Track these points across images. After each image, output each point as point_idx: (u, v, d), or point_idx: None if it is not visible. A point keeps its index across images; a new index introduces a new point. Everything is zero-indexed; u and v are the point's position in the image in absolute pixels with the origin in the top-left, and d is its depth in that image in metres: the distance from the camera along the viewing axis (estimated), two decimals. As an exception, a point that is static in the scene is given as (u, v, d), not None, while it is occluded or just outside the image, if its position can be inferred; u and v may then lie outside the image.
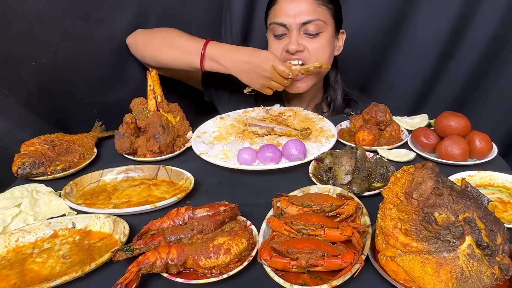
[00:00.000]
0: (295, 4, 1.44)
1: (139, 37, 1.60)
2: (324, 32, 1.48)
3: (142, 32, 1.61)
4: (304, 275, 0.77)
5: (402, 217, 0.76)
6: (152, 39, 1.57)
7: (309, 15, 1.43)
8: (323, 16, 1.46)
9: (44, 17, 1.43)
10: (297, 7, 1.43)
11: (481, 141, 1.19)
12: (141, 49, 1.59)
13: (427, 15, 1.84)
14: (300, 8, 1.43)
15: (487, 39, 1.81)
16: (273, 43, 1.53)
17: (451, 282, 0.71)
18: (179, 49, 1.48)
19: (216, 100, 1.76)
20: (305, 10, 1.43)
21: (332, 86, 1.70)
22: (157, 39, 1.55)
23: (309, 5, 1.44)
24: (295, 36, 1.46)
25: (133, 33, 1.62)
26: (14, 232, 0.92)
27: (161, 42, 1.54)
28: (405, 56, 1.95)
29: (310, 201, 0.93)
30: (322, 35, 1.48)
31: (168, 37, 1.53)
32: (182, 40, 1.50)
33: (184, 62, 1.48)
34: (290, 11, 1.44)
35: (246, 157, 1.17)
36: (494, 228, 0.71)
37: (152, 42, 1.56)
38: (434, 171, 0.76)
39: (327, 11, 1.48)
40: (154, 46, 1.54)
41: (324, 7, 1.47)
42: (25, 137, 1.28)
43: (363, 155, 1.15)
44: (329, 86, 1.71)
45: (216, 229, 0.88)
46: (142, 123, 1.31)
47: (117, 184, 1.16)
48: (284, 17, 1.45)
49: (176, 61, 1.49)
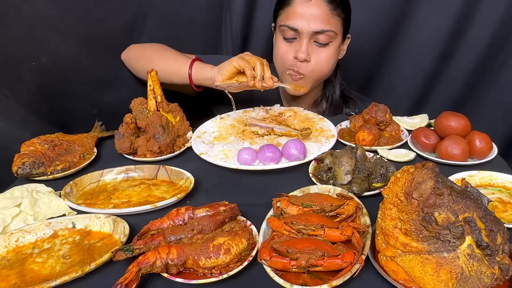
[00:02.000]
0: (310, 11, 1.40)
1: (132, 51, 1.63)
2: (333, 42, 1.47)
3: (135, 46, 1.64)
4: (304, 275, 0.77)
5: (402, 217, 0.76)
6: (144, 52, 1.60)
7: (323, 25, 1.41)
8: (335, 27, 1.44)
9: (44, 16, 1.43)
10: (312, 14, 1.40)
11: (481, 141, 1.19)
12: (134, 61, 1.62)
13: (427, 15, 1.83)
14: (315, 16, 1.40)
15: (487, 39, 1.81)
16: (283, 45, 1.50)
17: (451, 282, 0.71)
18: (170, 60, 1.51)
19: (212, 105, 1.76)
20: (319, 19, 1.40)
21: (331, 81, 1.70)
22: (149, 51, 1.58)
23: (324, 14, 1.41)
24: (306, 45, 1.43)
25: (127, 48, 1.64)
26: (14, 232, 0.92)
27: (152, 54, 1.56)
28: (405, 56, 1.95)
29: (310, 201, 0.93)
30: (331, 44, 1.47)
31: (160, 50, 1.57)
32: (172, 53, 1.55)
33: (175, 73, 1.49)
34: (304, 17, 1.41)
35: (246, 157, 1.17)
36: (494, 228, 0.71)
37: (144, 54, 1.59)
38: (434, 171, 0.76)
39: (339, 21, 1.46)
40: (146, 58, 1.57)
41: (337, 17, 1.44)
42: (25, 137, 1.28)
43: (363, 155, 1.15)
44: (328, 82, 1.71)
45: (216, 229, 0.88)
46: (142, 123, 1.31)
47: (117, 184, 1.16)
48: (298, 22, 1.41)
49: (167, 72, 1.49)
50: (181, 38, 1.80)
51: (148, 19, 1.68)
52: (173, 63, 1.50)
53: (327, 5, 1.41)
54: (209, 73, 1.40)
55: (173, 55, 1.55)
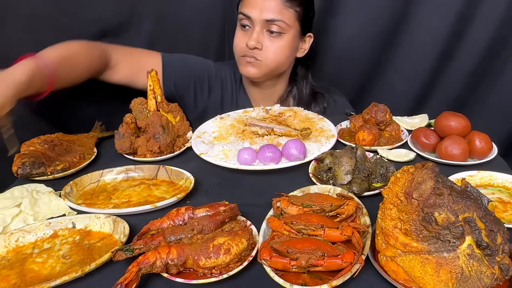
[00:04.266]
0: (264, 0, 1.46)
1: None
2: (286, 34, 1.50)
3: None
4: (304, 275, 0.77)
5: (402, 217, 0.76)
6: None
7: (274, 14, 1.45)
8: (287, 19, 1.48)
9: (40, 16, 1.43)
10: (266, 3, 1.45)
11: (481, 141, 1.19)
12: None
13: (427, 15, 1.83)
14: (267, 5, 1.45)
15: (487, 39, 1.81)
16: (238, 33, 1.55)
17: (451, 282, 0.71)
18: None
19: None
20: (271, 8, 1.45)
21: (298, 81, 1.72)
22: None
23: (276, 5, 1.45)
24: (257, 33, 1.48)
25: None
26: (14, 232, 0.92)
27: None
28: (405, 56, 1.94)
29: (310, 201, 0.93)
30: (284, 36, 1.50)
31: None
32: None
33: None
34: (257, 5, 1.46)
35: (246, 157, 1.17)
36: (494, 228, 0.71)
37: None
38: (434, 171, 0.76)
39: (294, 14, 1.49)
40: None
41: (291, 10, 1.48)
42: (25, 137, 1.28)
43: (363, 155, 1.15)
44: (295, 81, 1.73)
45: (216, 229, 0.87)
46: (142, 123, 1.31)
47: (117, 184, 1.16)
48: (251, 9, 1.47)
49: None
50: (179, 38, 1.80)
51: (144, 19, 1.68)
52: None
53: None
54: None
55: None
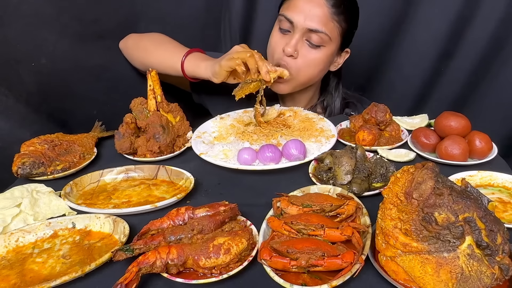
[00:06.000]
0: (310, 7, 1.38)
1: (130, 40, 1.62)
2: (326, 47, 1.43)
3: (133, 36, 1.63)
4: (304, 275, 0.77)
5: (402, 217, 0.76)
6: (140, 42, 1.58)
7: (319, 25, 1.38)
8: (331, 31, 1.40)
9: (41, 16, 1.43)
10: (312, 10, 1.37)
11: (481, 141, 1.19)
12: (130, 51, 1.61)
13: (427, 15, 1.84)
14: (314, 12, 1.37)
15: (487, 39, 1.81)
16: (276, 34, 1.47)
17: (451, 282, 0.71)
18: (166, 51, 1.48)
19: (208, 103, 1.72)
20: (317, 17, 1.37)
21: (330, 92, 1.67)
22: (145, 41, 1.56)
23: (323, 15, 1.38)
24: (296, 40, 1.40)
25: (125, 38, 1.63)
26: (14, 232, 0.92)
27: (148, 45, 1.53)
28: (405, 56, 1.95)
29: (310, 201, 0.93)
30: (323, 49, 1.43)
31: (156, 40, 1.54)
32: (170, 45, 1.51)
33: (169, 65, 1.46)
34: (303, 12, 1.38)
35: (246, 157, 1.17)
36: (494, 228, 0.71)
37: (140, 44, 1.57)
38: (434, 171, 0.76)
39: (338, 28, 1.42)
40: (142, 48, 1.55)
41: (336, 24, 1.41)
42: (25, 137, 1.27)
43: (363, 155, 1.15)
44: (326, 91, 1.68)
45: (216, 229, 0.87)
46: (142, 123, 1.31)
47: (117, 184, 1.16)
48: (295, 14, 1.39)
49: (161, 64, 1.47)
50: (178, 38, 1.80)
51: (143, 19, 1.68)
52: (168, 55, 1.46)
53: (329, 8, 1.38)
54: (203, 75, 1.38)
55: (170, 46, 1.50)
